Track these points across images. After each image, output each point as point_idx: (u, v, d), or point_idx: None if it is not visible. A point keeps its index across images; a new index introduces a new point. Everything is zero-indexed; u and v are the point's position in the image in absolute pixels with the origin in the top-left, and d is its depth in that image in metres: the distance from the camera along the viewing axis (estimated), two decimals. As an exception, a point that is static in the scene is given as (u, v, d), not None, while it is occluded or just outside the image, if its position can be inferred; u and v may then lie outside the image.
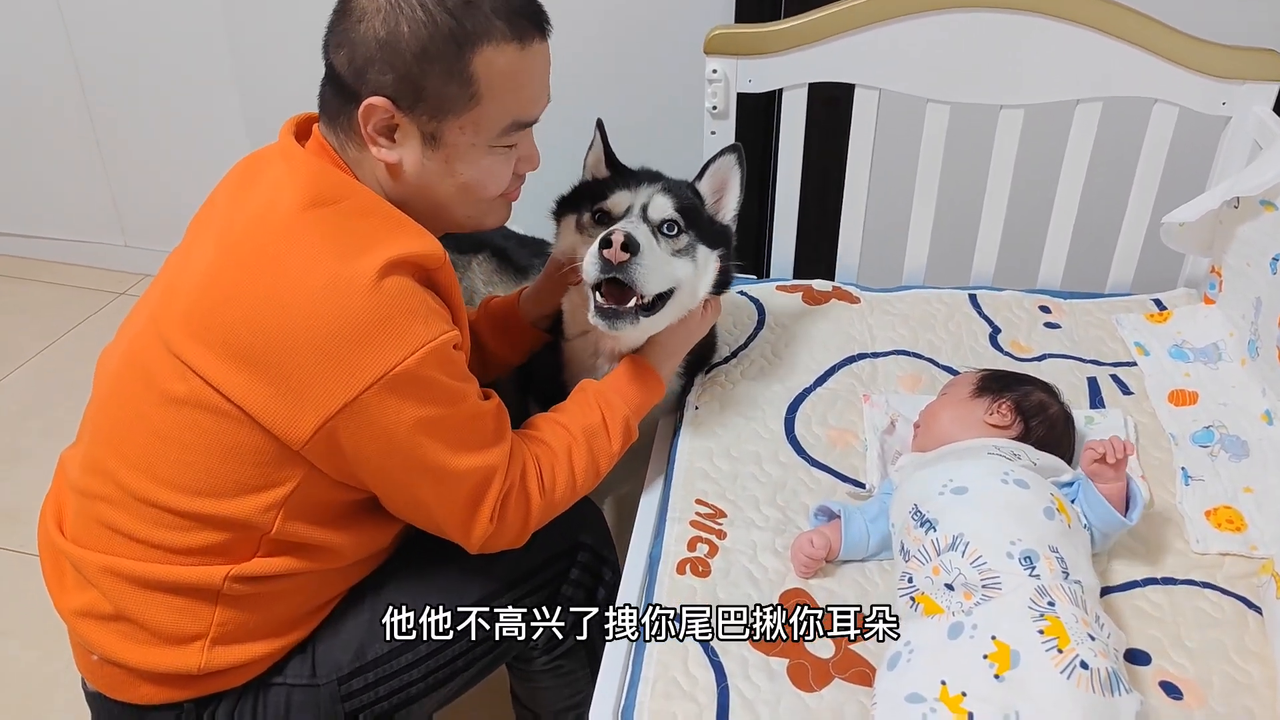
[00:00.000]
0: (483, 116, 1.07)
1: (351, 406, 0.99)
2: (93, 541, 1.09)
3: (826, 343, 1.59)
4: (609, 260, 1.18)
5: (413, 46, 1.01)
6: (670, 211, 1.29)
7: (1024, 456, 1.18)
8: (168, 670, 1.08)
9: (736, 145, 1.39)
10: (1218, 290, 1.61)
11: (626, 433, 1.25)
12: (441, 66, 1.02)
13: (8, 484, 2.24)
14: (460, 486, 1.08)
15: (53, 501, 1.19)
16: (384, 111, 1.04)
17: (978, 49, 1.63)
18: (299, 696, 1.13)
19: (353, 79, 1.04)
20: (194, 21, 2.58)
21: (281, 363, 0.98)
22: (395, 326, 0.99)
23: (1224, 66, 1.59)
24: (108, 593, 1.08)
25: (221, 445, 1.03)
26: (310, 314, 0.98)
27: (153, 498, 1.05)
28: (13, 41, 2.76)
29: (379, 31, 1.02)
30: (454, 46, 1.02)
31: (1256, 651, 1.08)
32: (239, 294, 1.01)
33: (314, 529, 1.09)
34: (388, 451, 1.03)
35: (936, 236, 1.79)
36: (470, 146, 1.08)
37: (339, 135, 1.10)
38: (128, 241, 3.04)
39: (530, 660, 1.32)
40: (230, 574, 1.06)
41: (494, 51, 1.04)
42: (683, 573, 1.17)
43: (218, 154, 2.73)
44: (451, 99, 1.04)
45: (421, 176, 1.09)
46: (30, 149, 2.94)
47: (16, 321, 2.81)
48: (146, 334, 1.08)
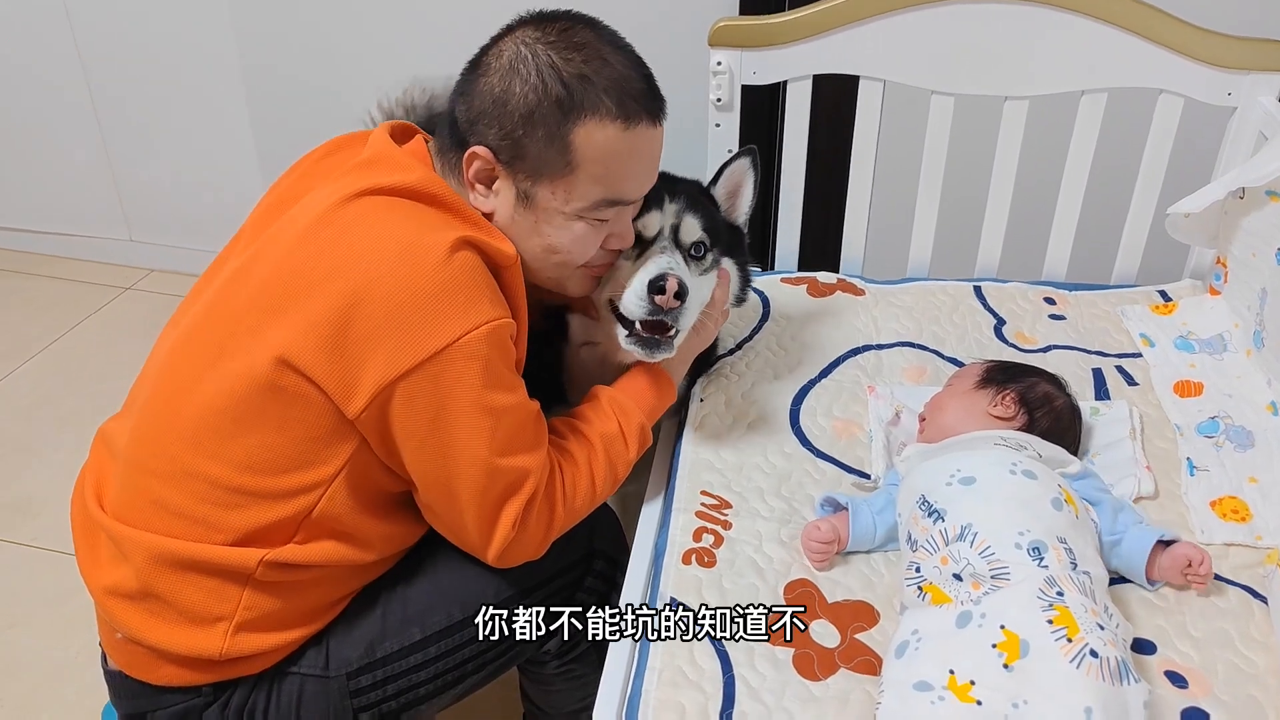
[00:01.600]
0: (575, 186, 1.10)
1: (412, 373, 1.01)
2: (135, 516, 1.11)
3: (831, 335, 1.60)
4: (659, 305, 1.19)
5: (521, 108, 1.07)
6: (699, 233, 1.29)
7: (1030, 447, 1.19)
8: (189, 653, 1.09)
9: (751, 149, 1.39)
10: (1223, 281, 1.61)
11: (642, 439, 1.25)
12: (544, 131, 1.07)
13: (18, 477, 2.25)
14: (493, 484, 1.08)
15: (92, 476, 1.19)
16: (485, 162, 1.10)
17: (982, 40, 1.63)
18: (311, 687, 1.13)
19: (465, 127, 1.11)
20: (199, 16, 2.58)
21: (351, 325, 1.01)
22: (463, 300, 1.02)
23: (1229, 57, 1.59)
24: (140, 569, 1.09)
25: (277, 418, 1.04)
26: (381, 277, 1.01)
27: (204, 471, 1.07)
28: (18, 37, 2.76)
29: (495, 88, 1.08)
30: (559, 114, 1.07)
31: (1261, 640, 1.08)
32: (316, 262, 1.04)
33: (353, 514, 1.10)
34: (434, 429, 1.04)
35: (941, 228, 1.79)
36: (560, 213, 1.12)
37: (444, 165, 1.16)
38: (133, 236, 3.04)
39: (543, 664, 1.32)
40: (265, 559, 1.08)
41: (596, 126, 1.08)
42: (688, 563, 1.17)
43: (222, 148, 2.78)
44: (548, 164, 1.09)
45: (510, 229, 1.14)
46: (35, 144, 2.94)
47: (23, 316, 2.82)
48: (214, 309, 1.11)
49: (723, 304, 1.34)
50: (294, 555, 1.09)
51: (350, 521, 1.11)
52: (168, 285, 2.96)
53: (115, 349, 2.66)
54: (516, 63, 1.07)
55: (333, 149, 1.26)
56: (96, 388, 2.47)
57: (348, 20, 2.45)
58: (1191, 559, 1.11)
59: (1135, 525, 1.14)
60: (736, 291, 1.40)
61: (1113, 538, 1.13)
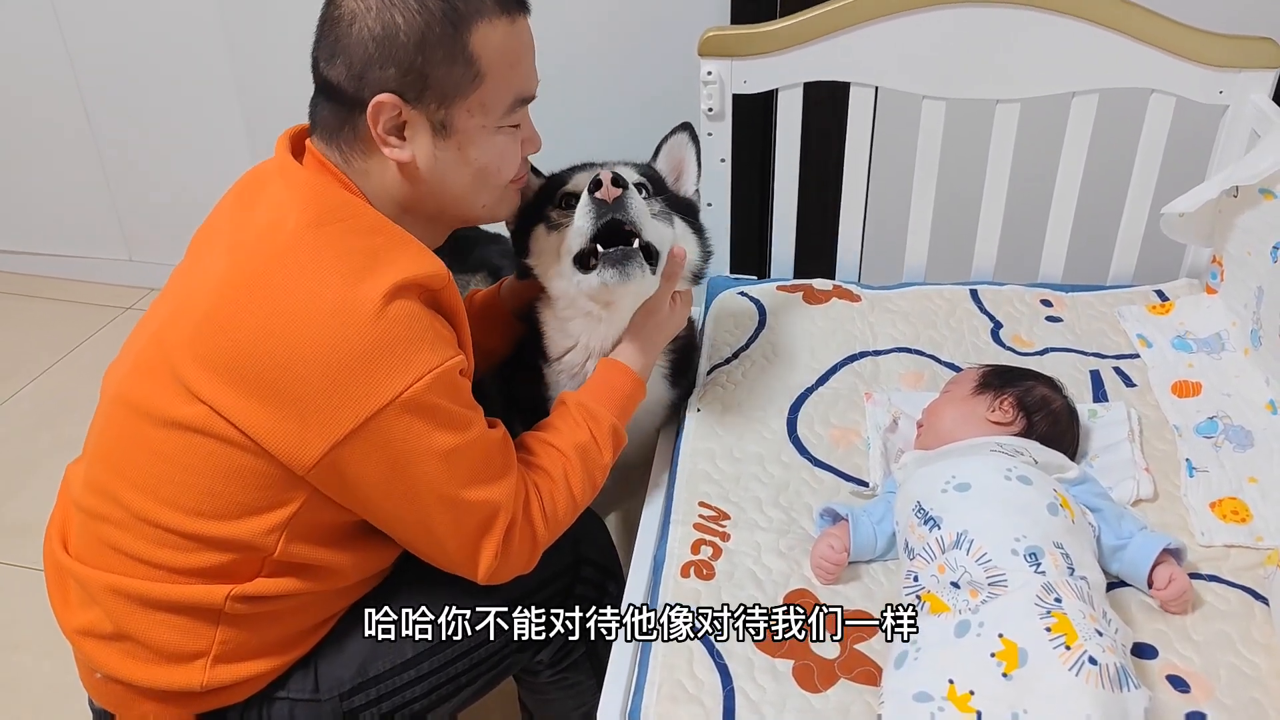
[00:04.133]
0: (488, 95, 1.08)
1: (357, 433, 0.99)
2: (96, 560, 1.10)
3: (828, 342, 1.59)
4: (603, 200, 1.18)
5: (411, 36, 1.02)
6: (637, 176, 1.28)
7: (1026, 453, 1.18)
8: (170, 688, 1.08)
9: (687, 124, 1.39)
10: (1219, 280, 1.61)
11: (616, 441, 1.24)
12: (442, 51, 1.04)
13: (18, 499, 2.25)
14: (467, 518, 1.07)
15: (58, 518, 1.19)
16: (392, 108, 1.05)
17: (972, 44, 1.63)
18: (301, 712, 1.13)
19: (353, 85, 1.05)
20: (193, 35, 2.58)
21: (288, 389, 0.98)
22: (401, 353, 0.99)
23: (1220, 55, 1.58)
24: (110, 611, 1.08)
25: (225, 468, 1.02)
26: (316, 340, 0.98)
27: (155, 518, 1.05)
28: (13, 59, 2.77)
29: (374, 29, 1.02)
30: (450, 28, 1.03)
31: (1263, 643, 1.07)
32: (244, 319, 1.01)
33: (317, 550, 1.08)
34: (392, 479, 1.03)
35: (936, 233, 1.79)
36: (480, 129, 1.10)
37: (340, 149, 1.10)
38: (132, 256, 3.05)
39: (537, 673, 1.32)
40: (232, 594, 1.06)
41: (488, 28, 1.06)
42: (687, 575, 1.17)
43: (220, 167, 2.76)
44: (456, 81, 1.06)
45: (435, 170, 1.10)
46: (32, 166, 2.95)
47: (23, 338, 2.83)
48: (150, 354, 1.08)
49: (683, 260, 1.30)
50: (263, 588, 1.07)
51: (316, 556, 1.09)
52: (167, 304, 2.96)
53: (115, 369, 2.66)
54: None
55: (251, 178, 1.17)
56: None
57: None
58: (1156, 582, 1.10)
59: (1140, 531, 1.13)
60: (697, 260, 1.36)
61: (1119, 543, 1.12)
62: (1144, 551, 1.11)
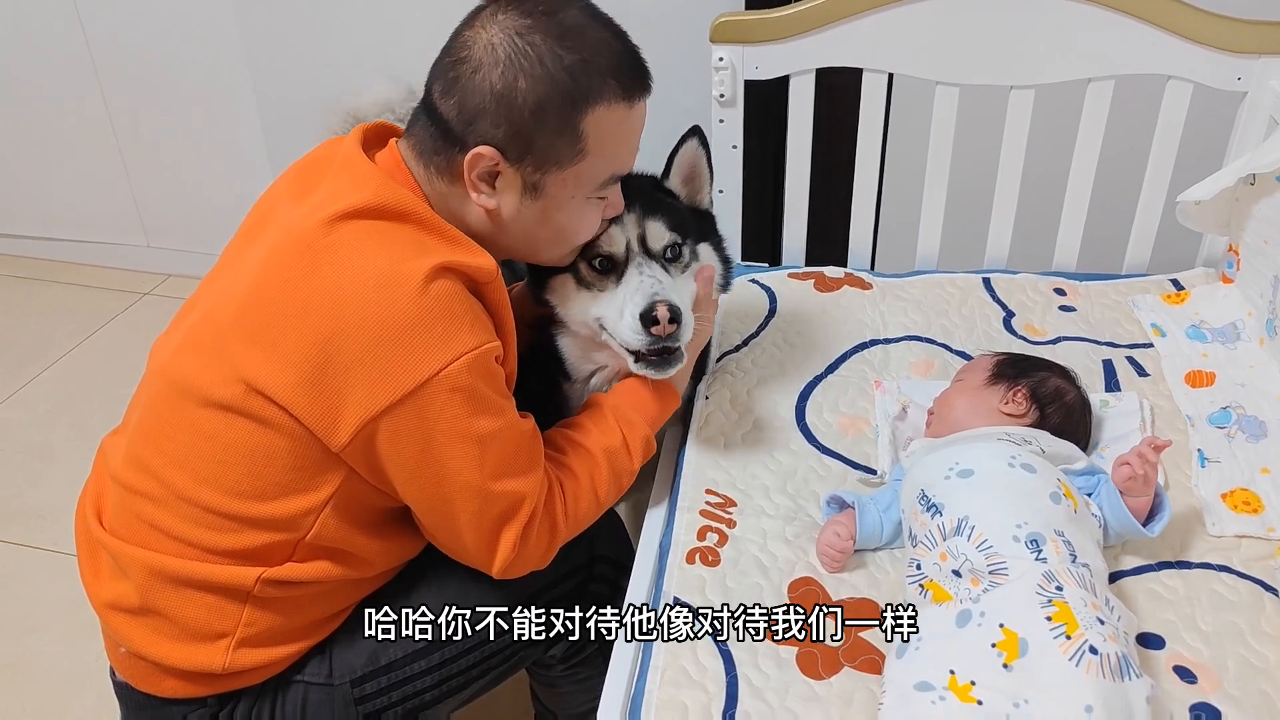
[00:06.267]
0: (585, 170, 1.09)
1: (394, 408, 1.00)
2: (132, 535, 1.11)
3: (838, 329, 1.59)
4: (658, 335, 1.18)
5: (529, 102, 1.03)
6: (668, 235, 1.25)
7: (1034, 443, 1.18)
8: (192, 668, 1.09)
9: (696, 128, 1.37)
10: (1235, 269, 1.59)
11: (646, 449, 1.24)
12: (555, 122, 1.05)
13: (38, 483, 2.28)
14: (489, 508, 1.08)
15: (92, 490, 1.20)
16: (490, 160, 1.06)
17: (986, 29, 1.62)
18: (315, 695, 1.14)
19: (460, 126, 1.06)
20: (209, 22, 2.60)
21: (329, 360, 1.00)
22: (441, 330, 1.00)
23: (1239, 41, 1.56)
24: (140, 586, 1.09)
25: (265, 448, 1.04)
26: (360, 311, 1.00)
27: (194, 496, 1.07)
28: (32, 47, 2.79)
29: (495, 85, 1.03)
30: (569, 106, 1.04)
31: (1273, 634, 1.07)
32: (290, 292, 1.03)
33: (350, 534, 1.10)
34: (421, 460, 1.03)
35: (949, 221, 1.78)
36: (570, 199, 1.12)
37: (428, 168, 1.11)
38: (150, 242, 3.07)
39: (550, 667, 1.33)
40: (263, 576, 1.08)
41: (605, 111, 1.07)
42: (692, 562, 1.17)
43: (236, 153, 2.80)
44: (559, 153, 1.07)
45: (516, 221, 1.12)
46: (51, 152, 2.98)
47: (43, 323, 2.86)
48: (200, 332, 1.10)
49: (708, 295, 1.30)
50: (292, 573, 1.09)
51: (348, 541, 1.10)
52: (185, 290, 2.97)
53: (134, 354, 2.66)
54: (516, 57, 1.03)
55: (309, 163, 1.21)
56: (115, 393, 2.48)
57: (357, 28, 2.45)
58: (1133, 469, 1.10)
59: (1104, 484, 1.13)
60: (719, 282, 1.36)
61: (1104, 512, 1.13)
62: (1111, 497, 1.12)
